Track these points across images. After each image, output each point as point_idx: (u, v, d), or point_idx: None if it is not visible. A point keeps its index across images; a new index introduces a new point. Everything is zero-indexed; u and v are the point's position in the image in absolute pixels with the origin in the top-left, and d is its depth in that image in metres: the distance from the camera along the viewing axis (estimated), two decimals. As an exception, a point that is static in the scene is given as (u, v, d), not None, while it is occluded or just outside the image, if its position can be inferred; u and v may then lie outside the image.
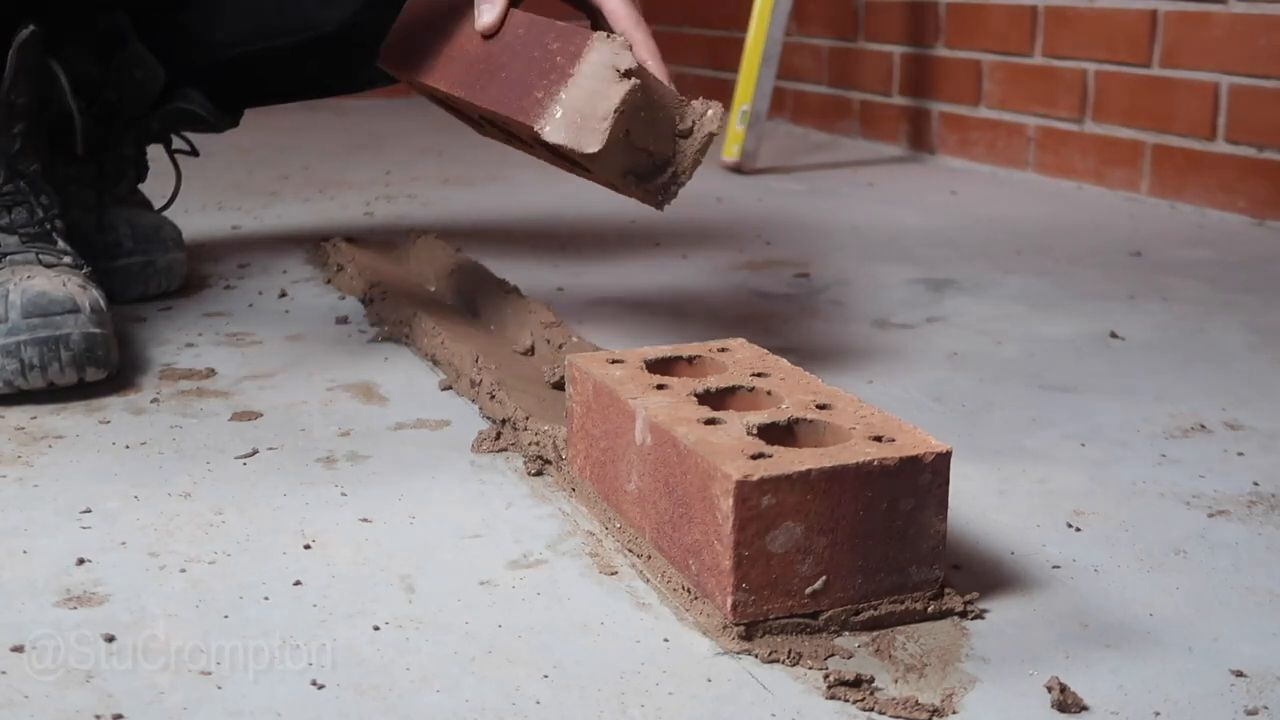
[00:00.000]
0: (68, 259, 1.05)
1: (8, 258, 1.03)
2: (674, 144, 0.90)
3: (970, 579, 0.70)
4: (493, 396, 0.92)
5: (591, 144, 0.85)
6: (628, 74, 0.85)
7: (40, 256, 1.04)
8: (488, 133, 1.02)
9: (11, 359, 0.94)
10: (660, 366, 0.78)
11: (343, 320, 1.20)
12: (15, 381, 0.95)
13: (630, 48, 0.86)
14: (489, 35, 0.93)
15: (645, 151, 0.89)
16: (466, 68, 0.94)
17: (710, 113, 0.90)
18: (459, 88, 0.94)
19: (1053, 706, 0.58)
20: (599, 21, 0.97)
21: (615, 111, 0.85)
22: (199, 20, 1.26)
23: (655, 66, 0.91)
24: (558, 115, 0.85)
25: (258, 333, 1.16)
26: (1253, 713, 0.58)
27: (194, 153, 1.36)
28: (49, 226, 1.08)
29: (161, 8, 1.27)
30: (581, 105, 0.85)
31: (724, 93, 2.46)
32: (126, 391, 0.99)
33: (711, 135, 0.90)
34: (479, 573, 0.70)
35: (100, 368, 0.97)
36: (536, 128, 0.86)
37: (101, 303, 1.00)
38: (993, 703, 0.58)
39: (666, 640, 0.63)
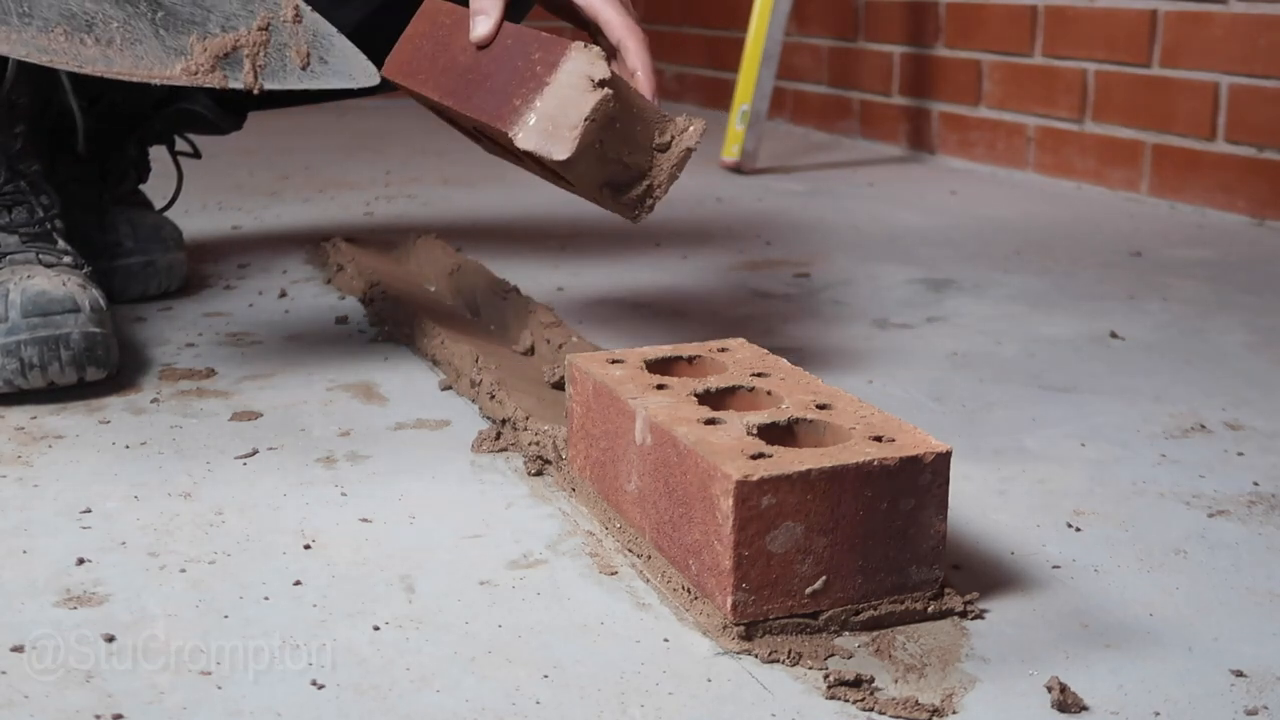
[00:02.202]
0: (68, 259, 1.05)
1: (8, 257, 1.03)
2: (651, 157, 0.90)
3: (970, 579, 0.70)
4: (493, 396, 0.92)
5: (560, 151, 0.86)
6: (601, 84, 0.85)
7: (40, 256, 1.04)
8: (495, 151, 1.02)
9: (11, 358, 0.94)
10: (660, 366, 0.78)
11: (343, 320, 1.20)
12: (15, 381, 0.95)
13: (607, 59, 0.86)
14: (483, 46, 0.94)
15: (620, 163, 0.89)
16: (457, 78, 0.95)
17: (691, 129, 0.90)
18: (448, 97, 0.95)
19: (1053, 706, 0.58)
20: (599, 37, 0.97)
21: (585, 120, 0.85)
22: None
23: (644, 78, 0.92)
24: (531, 122, 0.86)
25: (258, 333, 1.16)
26: (1253, 713, 0.58)
27: (196, 154, 1.36)
28: (49, 226, 1.08)
29: None
30: (554, 113, 0.86)
31: (724, 93, 2.46)
32: (126, 391, 0.99)
33: (689, 151, 0.91)
34: (479, 573, 0.70)
35: (100, 367, 0.97)
36: (510, 134, 0.87)
37: (101, 302, 1.00)
38: (993, 703, 0.58)
39: (666, 640, 0.63)
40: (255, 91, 0.91)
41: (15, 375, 0.95)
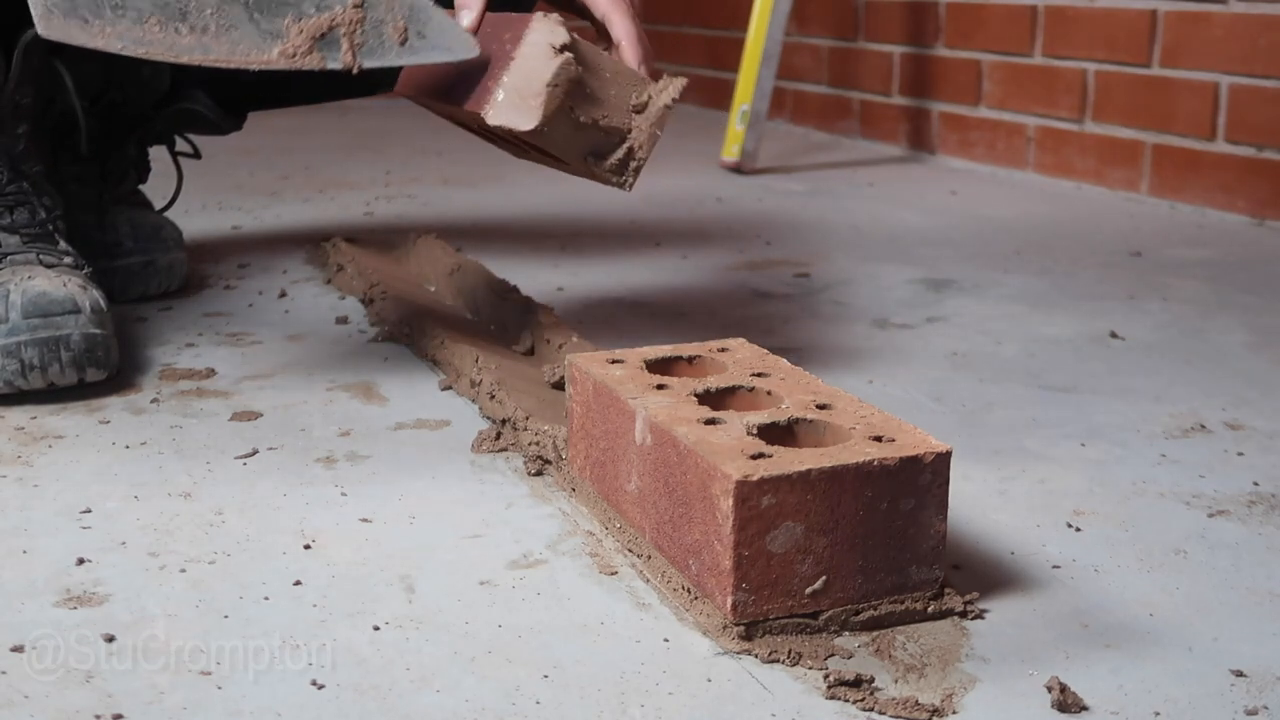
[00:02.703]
0: (69, 259, 1.05)
1: (8, 258, 1.03)
2: (629, 118, 0.90)
3: (970, 579, 0.70)
4: (493, 396, 0.92)
5: (528, 121, 0.86)
6: (562, 48, 0.86)
7: (41, 257, 1.04)
8: (506, 148, 1.03)
9: (12, 359, 0.94)
10: (660, 366, 0.78)
11: (343, 320, 1.20)
12: (15, 382, 0.95)
13: (564, 24, 0.87)
14: None
15: (597, 128, 0.90)
16: (446, 74, 0.95)
17: (669, 86, 0.90)
18: (440, 95, 0.95)
19: (1053, 706, 0.58)
20: (586, 14, 0.97)
21: (548, 86, 0.86)
22: None
23: (629, 47, 0.92)
24: (499, 99, 0.87)
25: (258, 333, 1.16)
26: (1253, 713, 0.58)
27: (196, 155, 1.36)
28: (51, 227, 1.08)
29: None
30: (520, 85, 0.87)
31: (724, 93, 2.46)
32: (126, 391, 0.99)
33: (667, 108, 0.90)
34: (479, 573, 0.70)
35: (100, 368, 0.97)
36: (482, 114, 0.87)
37: (102, 303, 1.00)
38: (993, 703, 0.58)
39: (666, 640, 0.63)
40: (354, 72, 0.88)
41: (15, 376, 0.95)
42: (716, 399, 0.73)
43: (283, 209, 1.76)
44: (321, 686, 0.59)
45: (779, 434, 0.68)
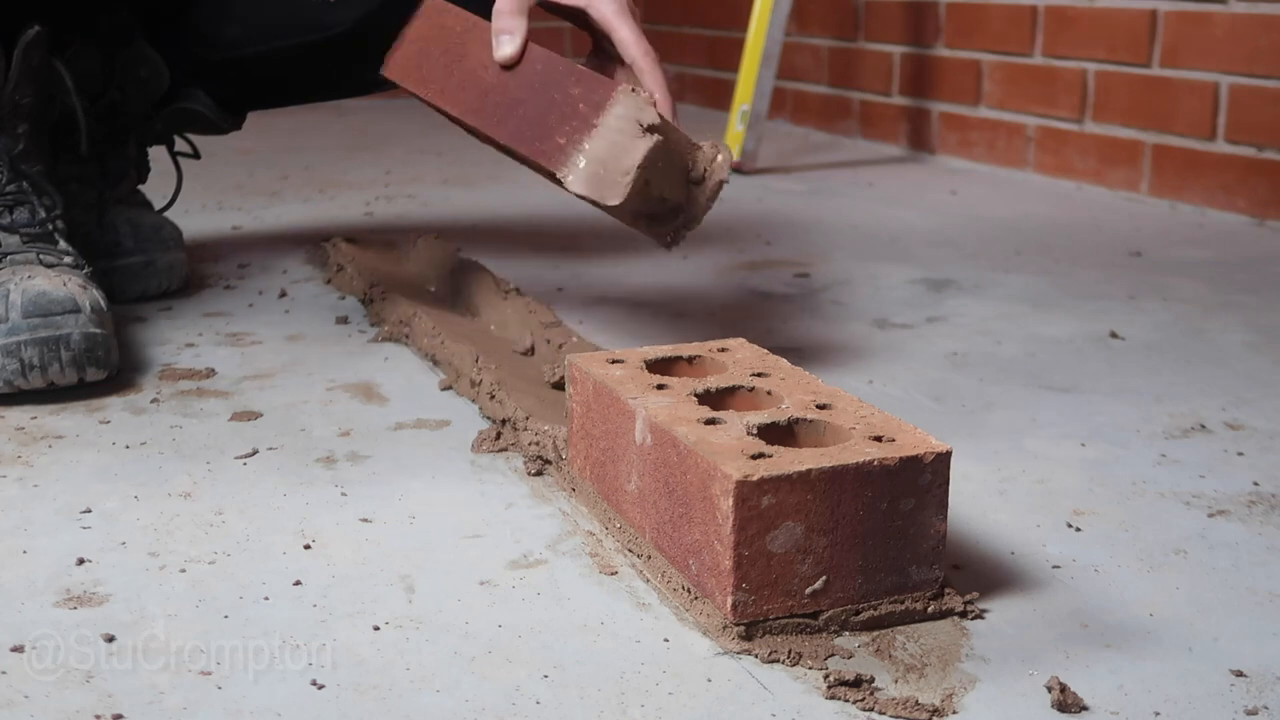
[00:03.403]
0: (68, 259, 1.05)
1: (8, 257, 1.03)
2: (687, 190, 0.91)
3: (970, 579, 0.70)
4: (493, 396, 0.92)
5: (614, 197, 0.87)
6: (651, 129, 0.86)
7: (41, 256, 1.04)
8: (494, 147, 1.02)
9: (12, 359, 0.94)
10: (660, 366, 0.78)
11: (343, 320, 1.20)
12: (15, 381, 0.95)
13: (654, 103, 0.87)
14: (508, 66, 0.93)
15: (660, 199, 0.91)
16: (481, 96, 0.94)
17: (720, 158, 0.91)
18: (472, 116, 0.95)
19: (1053, 706, 0.58)
20: (604, 44, 0.97)
21: (639, 167, 0.86)
22: (210, 19, 1.26)
23: (662, 100, 0.92)
24: (580, 165, 0.87)
25: (258, 333, 1.16)
26: (1253, 713, 0.58)
27: (195, 155, 1.36)
28: (50, 227, 1.08)
29: (172, 6, 1.27)
30: (604, 157, 0.86)
31: (724, 93, 2.46)
32: (126, 391, 0.99)
33: (722, 183, 0.92)
34: (479, 573, 0.70)
35: (100, 368, 0.97)
36: (560, 175, 0.87)
37: (102, 303, 1.00)
38: (993, 703, 0.58)
39: (666, 640, 0.63)
40: None
41: (15, 376, 0.95)
42: (716, 399, 0.73)
43: (283, 209, 1.76)
44: (321, 686, 0.59)
45: (779, 434, 0.68)
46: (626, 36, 0.94)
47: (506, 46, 0.92)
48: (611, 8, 0.94)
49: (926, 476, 0.64)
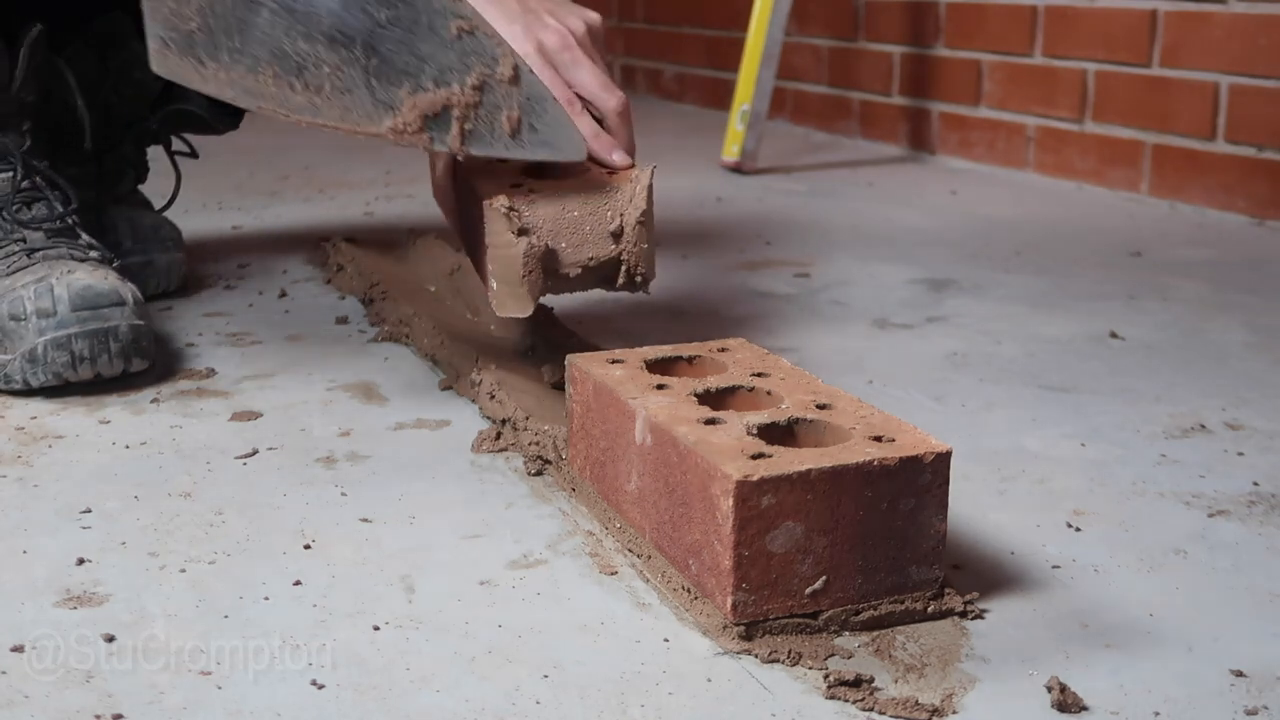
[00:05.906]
0: (95, 253, 1.06)
1: (40, 252, 1.03)
2: (610, 246, 0.88)
3: (970, 579, 0.70)
4: (493, 396, 0.92)
5: (523, 309, 0.86)
6: (520, 232, 0.85)
7: (70, 251, 1.04)
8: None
9: (62, 351, 0.95)
10: (660, 366, 0.78)
11: (343, 320, 1.20)
12: (65, 374, 0.96)
13: (508, 201, 0.85)
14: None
15: (588, 270, 0.88)
16: (470, 231, 0.96)
17: (636, 194, 0.88)
18: (469, 252, 0.99)
19: (1053, 706, 0.58)
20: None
21: (522, 277, 0.85)
22: None
23: (621, 160, 0.92)
24: (494, 289, 0.87)
25: (258, 333, 1.16)
26: (1253, 713, 0.58)
27: (193, 155, 1.36)
28: (71, 221, 1.09)
29: None
30: (501, 274, 0.86)
31: (724, 93, 2.46)
32: (126, 391, 0.99)
33: (640, 223, 0.88)
34: (479, 573, 0.70)
35: (144, 358, 0.99)
36: (492, 304, 0.87)
37: (140, 295, 1.02)
38: (993, 703, 0.58)
39: (666, 640, 0.63)
40: (459, 158, 0.86)
41: (65, 369, 0.95)
42: (716, 399, 0.73)
43: (283, 209, 1.76)
44: (321, 686, 0.59)
45: (779, 434, 0.68)
46: (585, 79, 0.94)
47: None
48: (563, 59, 0.94)
49: (926, 476, 0.64)
